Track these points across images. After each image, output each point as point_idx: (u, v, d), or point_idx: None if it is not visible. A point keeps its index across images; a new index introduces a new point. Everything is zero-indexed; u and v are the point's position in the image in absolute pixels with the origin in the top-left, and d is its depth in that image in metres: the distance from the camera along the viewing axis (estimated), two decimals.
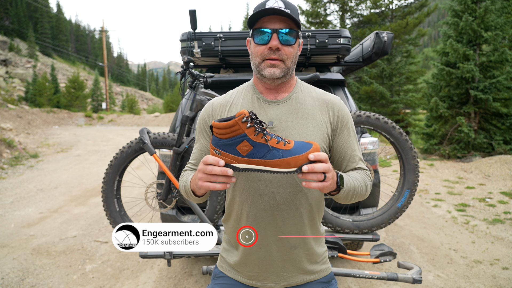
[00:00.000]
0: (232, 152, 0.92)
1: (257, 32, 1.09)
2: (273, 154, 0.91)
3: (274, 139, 0.93)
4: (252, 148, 0.91)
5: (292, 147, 0.92)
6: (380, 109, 13.22)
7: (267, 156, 0.91)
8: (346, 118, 1.18)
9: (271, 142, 0.92)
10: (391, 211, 2.38)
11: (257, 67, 1.13)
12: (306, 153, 0.90)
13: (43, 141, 13.24)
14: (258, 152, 0.91)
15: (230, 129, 0.91)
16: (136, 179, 4.55)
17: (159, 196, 2.54)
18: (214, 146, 0.94)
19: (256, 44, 1.11)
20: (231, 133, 0.91)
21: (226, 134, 0.91)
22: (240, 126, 0.90)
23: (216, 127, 0.92)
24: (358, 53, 3.50)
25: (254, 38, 1.11)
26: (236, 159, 0.92)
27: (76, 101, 30.24)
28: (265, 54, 1.10)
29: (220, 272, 1.26)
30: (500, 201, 5.26)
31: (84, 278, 3.02)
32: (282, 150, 0.91)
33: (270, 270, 1.17)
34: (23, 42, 52.33)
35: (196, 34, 2.86)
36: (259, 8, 1.08)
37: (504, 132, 8.75)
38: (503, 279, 2.91)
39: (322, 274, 1.23)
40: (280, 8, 1.05)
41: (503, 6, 9.09)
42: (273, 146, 0.91)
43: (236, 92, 1.24)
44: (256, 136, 0.91)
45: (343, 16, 15.34)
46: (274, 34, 1.07)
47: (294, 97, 1.18)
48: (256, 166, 0.92)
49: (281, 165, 0.90)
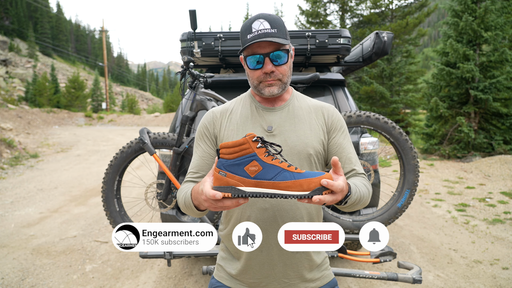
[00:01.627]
0: (239, 173, 0.87)
1: (249, 58, 1.12)
2: (284, 175, 0.85)
3: (284, 162, 0.88)
4: (261, 169, 0.86)
5: (304, 171, 0.87)
6: (380, 109, 13.22)
7: (278, 177, 0.85)
8: (340, 123, 1.22)
9: (282, 165, 0.87)
10: (391, 211, 2.38)
11: (256, 87, 1.17)
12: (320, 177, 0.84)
13: (43, 141, 13.24)
14: (268, 173, 0.86)
15: (239, 147, 0.87)
16: (136, 179, 4.56)
17: (159, 196, 2.54)
18: (219, 168, 0.89)
19: (251, 69, 1.14)
20: (239, 152, 0.87)
21: (234, 154, 0.87)
22: (250, 145, 0.87)
23: (224, 146, 0.89)
24: (358, 53, 3.50)
25: (248, 63, 1.14)
26: (243, 180, 0.87)
27: (76, 101, 30.23)
28: (261, 77, 1.13)
29: (217, 281, 1.24)
30: (500, 201, 5.26)
31: (84, 278, 3.02)
32: (293, 172, 0.86)
33: (272, 276, 1.15)
34: (23, 42, 52.32)
35: (196, 34, 2.85)
36: (246, 31, 1.10)
37: (504, 132, 8.75)
38: (503, 279, 2.91)
39: (324, 281, 1.21)
40: (266, 30, 1.08)
41: (503, 6, 9.09)
42: (284, 169, 0.86)
43: (235, 102, 1.28)
44: (267, 157, 0.87)
45: (343, 16, 15.34)
46: (266, 59, 1.11)
47: (291, 104, 1.22)
48: (264, 190, 0.86)
49: (293, 187, 0.84)
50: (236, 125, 1.18)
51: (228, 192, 0.87)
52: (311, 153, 1.14)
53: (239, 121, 1.19)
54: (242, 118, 1.20)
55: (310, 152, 1.14)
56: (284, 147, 1.13)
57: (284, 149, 1.13)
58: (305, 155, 1.14)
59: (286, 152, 1.13)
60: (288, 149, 1.13)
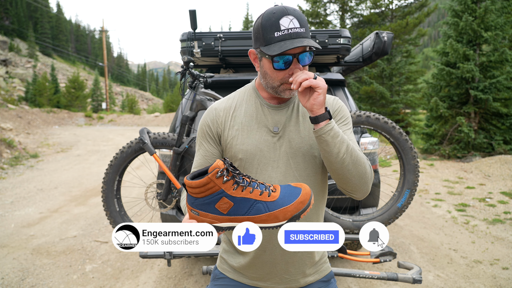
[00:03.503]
0: (211, 211, 0.85)
1: (277, 59, 1.05)
2: (257, 208, 0.83)
3: (256, 190, 0.84)
4: (232, 204, 0.83)
5: (278, 196, 0.84)
6: (380, 109, 13.22)
7: (251, 211, 0.83)
8: (342, 113, 1.19)
9: (253, 194, 0.83)
10: (391, 211, 2.38)
11: (275, 88, 1.11)
12: (295, 202, 0.82)
13: (43, 141, 13.24)
14: (241, 209, 0.83)
15: (205, 187, 0.83)
16: (136, 179, 4.55)
17: (159, 196, 2.54)
18: (191, 207, 0.86)
19: (276, 69, 1.07)
20: (206, 191, 0.83)
21: (202, 193, 0.84)
22: (215, 182, 0.82)
23: (189, 186, 0.84)
24: (358, 53, 3.50)
25: (274, 64, 1.06)
26: (217, 218, 0.84)
27: (76, 101, 30.23)
28: (286, 79, 1.08)
29: (220, 273, 1.26)
30: (500, 201, 5.26)
31: (84, 278, 3.02)
32: (267, 202, 0.83)
33: (274, 273, 1.17)
34: (23, 42, 52.33)
35: (196, 34, 2.86)
36: (272, 27, 1.03)
37: (504, 132, 8.75)
38: (503, 279, 2.91)
39: (322, 274, 1.23)
40: (297, 29, 1.02)
41: (503, 6, 9.09)
42: (256, 199, 0.83)
43: (238, 96, 1.22)
44: (236, 190, 0.83)
45: (343, 16, 15.34)
46: (294, 59, 1.05)
47: (296, 100, 1.19)
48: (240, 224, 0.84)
49: (268, 220, 0.82)
50: (241, 124, 1.15)
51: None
52: (316, 155, 1.14)
53: (243, 120, 1.16)
54: (246, 117, 1.16)
55: (315, 154, 1.13)
56: (289, 149, 1.12)
57: (289, 151, 1.12)
58: (310, 157, 1.13)
59: (291, 154, 1.12)
60: (293, 151, 1.12)
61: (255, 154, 1.12)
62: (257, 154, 1.12)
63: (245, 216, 0.84)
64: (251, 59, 1.17)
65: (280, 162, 1.12)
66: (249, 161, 1.12)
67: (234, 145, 1.14)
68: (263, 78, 1.13)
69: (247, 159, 1.12)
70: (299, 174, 1.12)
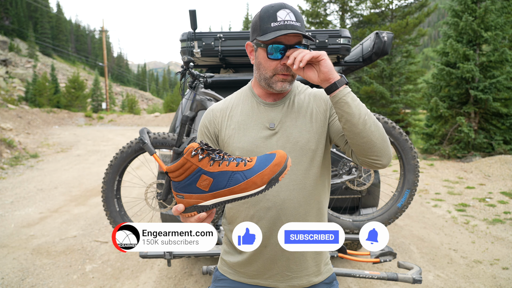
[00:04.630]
0: (194, 191, 0.88)
1: (272, 47, 1.08)
2: (236, 178, 0.86)
3: (232, 162, 0.88)
4: (212, 180, 0.86)
5: (253, 164, 0.87)
6: (380, 109, 13.22)
7: (230, 183, 0.86)
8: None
9: (229, 167, 0.86)
10: (391, 211, 2.38)
11: (267, 80, 1.13)
12: (270, 165, 0.85)
13: (43, 141, 13.24)
14: (220, 182, 0.86)
15: (182, 168, 0.86)
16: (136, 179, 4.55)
17: (159, 196, 2.54)
18: (176, 192, 0.90)
19: (270, 59, 1.10)
20: (185, 172, 0.87)
21: (181, 175, 0.87)
22: (191, 162, 0.86)
23: (168, 171, 0.88)
24: (358, 53, 3.49)
25: (268, 51, 1.09)
26: (201, 197, 0.88)
27: (76, 101, 30.22)
28: (278, 69, 1.10)
29: (221, 274, 1.26)
30: (500, 201, 5.26)
31: (84, 278, 3.02)
32: (243, 171, 0.86)
33: (275, 269, 1.17)
34: (23, 42, 52.31)
35: (196, 34, 2.85)
36: (269, 19, 1.07)
37: (504, 132, 8.76)
38: (503, 279, 2.91)
39: (325, 275, 1.23)
40: (293, 21, 1.06)
41: (503, 6, 9.09)
42: (233, 171, 0.86)
43: (235, 97, 1.25)
44: (212, 166, 0.86)
45: (343, 16, 15.33)
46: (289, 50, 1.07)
47: (292, 97, 1.20)
48: (223, 198, 0.87)
49: (248, 188, 0.85)
50: (238, 123, 1.17)
51: (192, 211, 0.90)
52: (313, 148, 1.14)
53: (240, 119, 1.18)
54: (243, 116, 1.18)
55: (312, 147, 1.14)
56: (287, 143, 1.13)
57: (287, 146, 1.13)
58: (307, 150, 1.14)
59: (289, 149, 1.13)
60: (291, 145, 1.13)
61: (251, 150, 1.13)
62: (254, 151, 1.13)
63: (226, 189, 0.86)
64: (248, 52, 1.19)
65: None
66: None
67: (231, 144, 1.16)
68: (257, 70, 1.15)
69: (244, 156, 1.12)
70: (297, 168, 1.13)
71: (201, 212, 0.90)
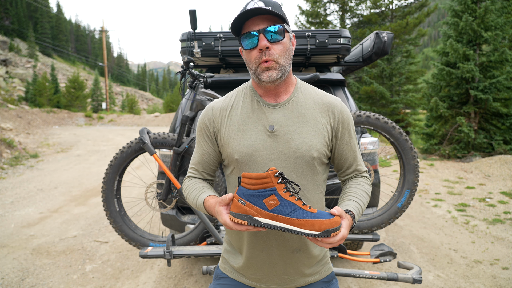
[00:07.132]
0: (258, 205, 0.92)
1: (244, 37, 1.08)
2: (298, 213, 0.91)
3: (299, 201, 0.93)
4: (279, 203, 0.91)
5: (316, 211, 0.92)
6: (380, 109, 13.22)
7: (293, 214, 0.91)
8: (347, 121, 1.17)
9: (297, 202, 0.92)
10: (391, 211, 2.38)
11: (254, 72, 1.11)
12: (331, 219, 0.90)
13: (43, 141, 13.24)
14: (284, 209, 0.91)
15: (261, 180, 0.92)
16: (136, 179, 4.56)
17: (159, 196, 2.54)
18: (239, 196, 0.95)
19: (247, 50, 1.09)
20: (261, 185, 0.92)
21: (255, 185, 0.93)
22: (272, 179, 0.91)
23: (246, 177, 0.94)
24: (358, 53, 3.49)
25: (243, 44, 1.09)
26: (261, 212, 0.92)
27: (76, 101, 30.23)
28: (258, 58, 1.07)
29: (222, 273, 1.27)
30: (500, 201, 5.26)
31: (84, 278, 3.02)
32: (308, 212, 0.91)
33: (273, 273, 1.17)
34: (23, 42, 52.33)
35: (196, 34, 2.85)
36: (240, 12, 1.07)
37: (504, 132, 8.75)
38: (503, 279, 2.91)
39: (323, 274, 1.23)
40: (258, 7, 1.02)
41: (503, 6, 9.09)
42: (299, 206, 0.91)
43: (236, 95, 1.21)
44: (285, 193, 0.92)
45: (343, 16, 15.34)
46: (261, 35, 1.04)
47: (295, 99, 1.15)
48: (279, 223, 0.92)
49: (306, 226, 0.90)
50: (237, 124, 1.14)
51: (245, 220, 0.94)
52: (315, 156, 1.11)
53: (239, 119, 1.15)
54: (243, 116, 1.15)
55: (313, 155, 1.10)
56: (287, 149, 1.10)
57: (286, 152, 1.10)
58: (308, 159, 1.10)
59: (289, 155, 1.10)
60: (291, 151, 1.10)
61: (250, 154, 1.11)
62: (253, 155, 1.10)
63: (286, 216, 0.91)
64: (242, 57, 1.17)
65: (277, 162, 1.10)
66: (245, 161, 1.11)
67: (230, 145, 1.14)
68: (248, 68, 1.14)
69: (243, 159, 1.11)
70: (297, 175, 1.11)
71: (251, 224, 0.94)
